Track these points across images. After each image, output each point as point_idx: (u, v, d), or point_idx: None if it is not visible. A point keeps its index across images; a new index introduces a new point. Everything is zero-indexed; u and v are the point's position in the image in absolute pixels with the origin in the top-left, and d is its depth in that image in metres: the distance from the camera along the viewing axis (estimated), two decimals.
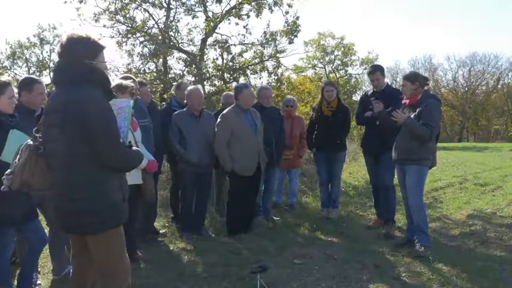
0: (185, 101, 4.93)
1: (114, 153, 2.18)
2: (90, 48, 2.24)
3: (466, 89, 39.30)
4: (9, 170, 2.32)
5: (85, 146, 2.13)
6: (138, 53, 10.92)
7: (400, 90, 4.79)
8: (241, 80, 10.65)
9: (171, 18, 10.79)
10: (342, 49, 24.86)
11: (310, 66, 24.27)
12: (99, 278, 2.34)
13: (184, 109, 4.84)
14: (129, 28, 10.30)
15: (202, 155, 4.70)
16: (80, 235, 2.33)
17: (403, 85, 4.30)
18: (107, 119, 2.16)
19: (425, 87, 4.29)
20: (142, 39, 10.79)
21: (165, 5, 10.63)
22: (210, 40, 10.80)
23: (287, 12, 10.49)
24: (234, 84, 9.64)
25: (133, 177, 3.32)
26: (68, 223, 2.27)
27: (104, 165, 2.18)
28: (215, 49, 10.95)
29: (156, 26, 10.72)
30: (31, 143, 2.31)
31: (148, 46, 10.79)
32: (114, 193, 2.24)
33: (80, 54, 2.19)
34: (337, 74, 25.20)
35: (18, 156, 2.32)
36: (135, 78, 4.25)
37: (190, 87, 4.84)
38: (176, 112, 4.84)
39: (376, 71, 5.16)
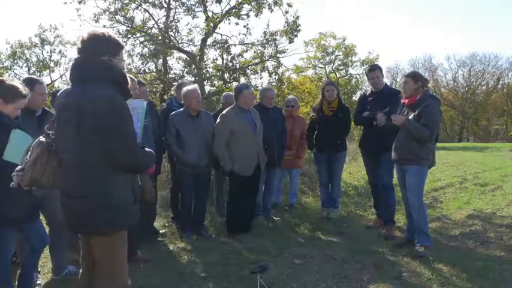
0: (182, 101, 4.93)
1: (130, 153, 2.15)
2: (111, 46, 2.23)
3: (466, 89, 39.26)
4: (19, 167, 2.29)
5: (100, 146, 2.09)
6: (138, 53, 10.94)
7: (399, 90, 4.79)
8: (242, 80, 10.65)
9: (171, 18, 10.80)
10: (344, 50, 24.85)
11: (310, 66, 24.27)
12: (98, 279, 2.31)
13: (182, 109, 4.82)
14: (129, 28, 10.30)
15: (201, 156, 4.69)
16: (87, 235, 2.30)
17: (405, 82, 4.28)
18: (124, 119, 2.13)
19: (425, 88, 4.30)
20: (142, 39, 10.80)
21: (165, 5, 10.64)
22: (210, 40, 10.81)
23: (287, 12, 10.52)
24: (234, 84, 9.65)
25: None
26: (76, 223, 2.23)
27: (118, 166, 2.15)
28: (215, 49, 10.96)
29: (156, 26, 10.73)
30: (43, 139, 2.27)
31: (148, 46, 10.79)
32: (126, 194, 2.21)
33: (101, 51, 2.18)
34: (337, 74, 25.18)
35: (29, 152, 2.28)
36: (134, 78, 4.25)
37: (187, 87, 4.80)
38: (173, 112, 4.81)
39: (375, 69, 5.18)
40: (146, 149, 2.34)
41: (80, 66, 2.22)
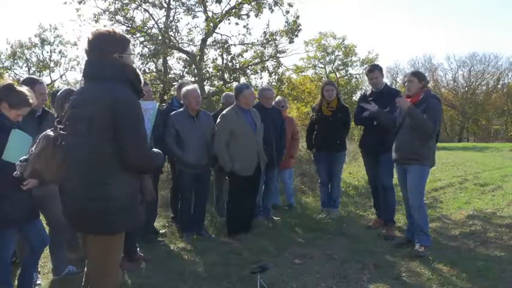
0: (182, 101, 4.93)
1: (141, 153, 2.13)
2: (119, 42, 2.22)
3: (466, 89, 39.26)
4: (23, 157, 2.28)
5: (111, 145, 2.08)
6: (138, 53, 10.94)
7: (399, 90, 4.78)
8: (242, 80, 10.66)
9: (171, 18, 10.82)
10: (343, 49, 24.87)
11: (310, 66, 24.31)
12: (91, 277, 2.28)
13: (181, 109, 4.81)
14: (129, 28, 10.30)
15: (200, 156, 4.68)
16: (87, 233, 2.27)
17: (410, 80, 4.26)
18: (137, 119, 2.13)
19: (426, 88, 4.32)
20: (142, 39, 10.81)
21: (165, 5, 10.65)
22: (210, 40, 10.82)
23: (287, 12, 10.53)
24: (234, 84, 9.65)
25: None
26: (78, 221, 2.21)
27: (127, 166, 2.12)
28: (215, 49, 10.97)
29: (156, 26, 10.74)
30: (51, 133, 2.25)
31: (148, 46, 10.79)
32: (132, 195, 2.18)
33: (109, 49, 2.18)
34: (337, 74, 25.21)
35: (35, 145, 2.27)
36: None
37: (187, 87, 4.80)
38: (173, 112, 4.80)
39: (374, 69, 5.16)
40: (154, 149, 2.33)
41: (94, 65, 2.21)
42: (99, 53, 2.18)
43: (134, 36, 10.60)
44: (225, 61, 10.87)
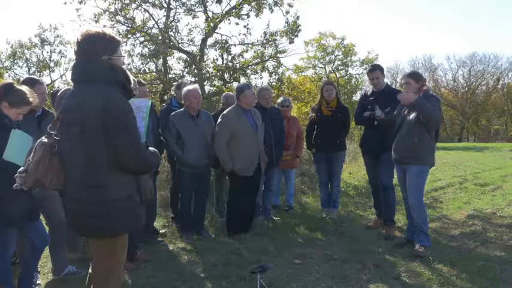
0: (182, 101, 4.93)
1: (135, 155, 2.12)
2: (108, 44, 2.18)
3: (466, 89, 39.22)
4: (22, 168, 2.25)
5: (104, 147, 2.06)
6: (138, 53, 10.94)
7: (401, 90, 4.78)
8: (242, 80, 10.65)
9: (171, 18, 10.80)
10: (343, 49, 24.83)
11: (310, 66, 24.28)
12: (94, 279, 2.28)
13: (182, 109, 4.82)
14: (129, 28, 10.30)
15: (200, 156, 4.69)
16: (88, 236, 2.27)
17: (407, 83, 4.26)
18: (128, 120, 2.10)
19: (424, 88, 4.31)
20: (142, 39, 10.80)
21: (165, 5, 10.64)
22: (210, 40, 10.82)
23: (287, 12, 10.52)
24: (235, 84, 9.65)
25: None
26: (79, 225, 2.21)
27: (124, 168, 2.11)
28: (215, 49, 10.97)
29: (156, 26, 10.73)
30: (46, 140, 2.23)
31: (148, 46, 10.79)
32: (131, 197, 2.17)
33: (99, 51, 2.14)
34: (337, 74, 25.16)
35: (32, 154, 2.24)
36: (133, 78, 4.24)
37: (188, 87, 4.81)
38: (173, 113, 4.81)
39: (375, 69, 5.16)
40: (150, 148, 2.30)
41: (82, 67, 2.18)
42: (88, 54, 2.14)
43: (134, 36, 10.60)
44: (225, 61, 10.86)
